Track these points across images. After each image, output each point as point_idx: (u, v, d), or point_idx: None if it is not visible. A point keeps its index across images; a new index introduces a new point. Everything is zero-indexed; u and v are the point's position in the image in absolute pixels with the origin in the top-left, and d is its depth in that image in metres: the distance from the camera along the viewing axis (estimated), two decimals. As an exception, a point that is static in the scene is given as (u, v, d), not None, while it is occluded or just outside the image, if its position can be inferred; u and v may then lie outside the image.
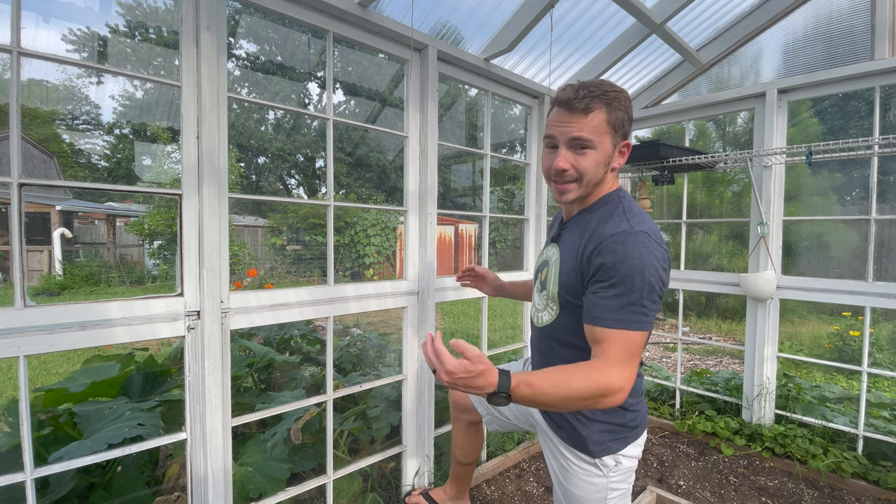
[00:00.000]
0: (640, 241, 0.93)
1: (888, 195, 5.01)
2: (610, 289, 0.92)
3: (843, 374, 4.03)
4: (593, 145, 0.99)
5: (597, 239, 0.97)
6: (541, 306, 1.16)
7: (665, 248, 0.97)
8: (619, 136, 1.01)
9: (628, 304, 0.90)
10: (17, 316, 1.04)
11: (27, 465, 1.07)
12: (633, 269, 0.90)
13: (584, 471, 1.08)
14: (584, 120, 0.98)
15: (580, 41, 2.42)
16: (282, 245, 11.88)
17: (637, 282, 0.90)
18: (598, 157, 1.00)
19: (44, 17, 14.21)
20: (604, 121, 0.98)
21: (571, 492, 1.10)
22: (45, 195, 11.75)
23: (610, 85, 1.00)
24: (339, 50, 13.03)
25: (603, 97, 0.98)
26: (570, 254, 1.04)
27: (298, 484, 1.61)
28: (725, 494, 2.03)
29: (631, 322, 0.90)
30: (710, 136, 6.67)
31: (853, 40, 2.27)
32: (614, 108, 0.99)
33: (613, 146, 1.01)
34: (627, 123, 1.02)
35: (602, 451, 1.05)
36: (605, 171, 1.03)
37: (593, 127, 0.98)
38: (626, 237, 0.93)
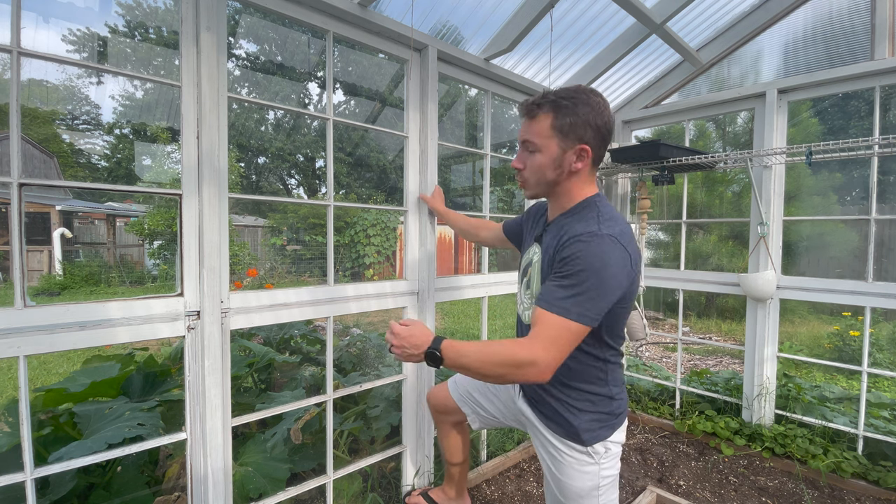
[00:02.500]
0: (604, 242, 0.96)
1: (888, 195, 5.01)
2: (564, 279, 0.97)
3: (843, 374, 4.03)
4: (538, 148, 1.08)
5: (565, 239, 1.03)
6: (527, 304, 1.22)
7: (632, 253, 1.00)
8: (572, 139, 1.05)
9: (576, 295, 0.94)
10: (17, 316, 1.04)
11: (27, 465, 1.07)
12: (591, 267, 0.94)
13: (577, 460, 1.13)
14: (531, 124, 1.08)
15: (580, 41, 2.42)
16: (282, 245, 11.89)
17: (592, 280, 0.94)
18: (542, 160, 1.08)
19: (44, 17, 14.22)
20: (549, 125, 1.05)
21: (566, 483, 1.14)
22: (45, 195, 11.75)
23: (571, 92, 1.05)
24: (339, 50, 13.04)
25: (551, 103, 1.05)
26: (547, 256, 1.11)
27: (298, 484, 1.61)
28: (725, 494, 2.03)
29: (571, 312, 0.94)
30: (710, 136, 6.67)
31: (853, 40, 2.27)
32: (563, 113, 1.04)
33: (562, 150, 1.06)
34: (583, 128, 1.04)
35: (593, 438, 1.11)
36: (556, 174, 1.09)
37: (537, 131, 1.07)
38: (592, 237, 0.98)
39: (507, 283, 2.27)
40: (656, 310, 6.73)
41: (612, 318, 1.04)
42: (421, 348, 1.00)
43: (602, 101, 1.06)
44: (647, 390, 3.03)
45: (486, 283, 2.16)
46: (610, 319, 1.04)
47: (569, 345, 0.96)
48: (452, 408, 1.54)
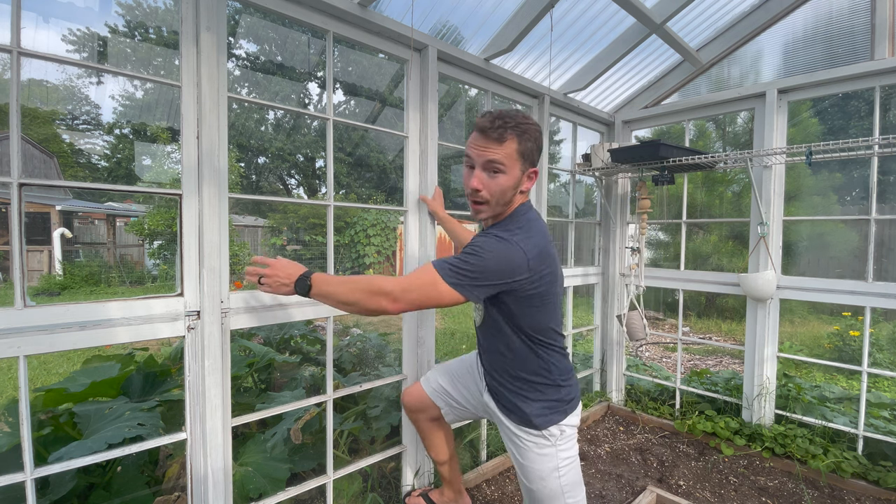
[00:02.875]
0: (502, 240, 1.09)
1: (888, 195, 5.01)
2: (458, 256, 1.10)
3: (843, 374, 4.03)
4: (504, 169, 1.14)
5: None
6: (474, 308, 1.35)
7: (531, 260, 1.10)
8: (528, 163, 1.17)
9: (459, 266, 1.07)
10: (17, 316, 1.04)
11: (27, 465, 1.07)
12: (482, 251, 1.07)
13: (535, 444, 1.24)
14: (499, 147, 1.13)
15: (580, 41, 2.42)
16: (282, 245, 11.89)
17: (476, 262, 1.06)
18: (507, 181, 1.15)
19: (44, 17, 14.20)
20: (515, 150, 1.13)
21: (528, 466, 1.25)
22: (45, 195, 11.75)
23: (523, 117, 1.15)
24: (339, 50, 13.03)
25: (515, 128, 1.12)
26: None
27: (298, 484, 1.61)
28: (725, 494, 2.03)
29: (447, 275, 1.06)
30: (710, 136, 6.66)
31: (853, 40, 2.27)
32: (525, 138, 1.14)
33: (522, 172, 1.17)
34: (536, 153, 1.18)
35: (546, 423, 1.22)
36: (513, 194, 1.19)
37: (505, 154, 1.13)
38: (492, 236, 1.11)
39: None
40: (656, 310, 6.73)
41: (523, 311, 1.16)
42: (292, 277, 1.11)
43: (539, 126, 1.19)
44: (647, 390, 3.03)
45: (486, 283, 2.15)
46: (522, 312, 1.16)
47: (428, 298, 1.07)
48: (427, 403, 1.59)
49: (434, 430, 1.64)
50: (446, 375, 1.58)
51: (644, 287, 2.76)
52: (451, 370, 1.59)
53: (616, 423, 2.77)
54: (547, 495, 1.23)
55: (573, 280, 2.79)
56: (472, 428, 2.24)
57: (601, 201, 3.01)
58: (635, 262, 2.75)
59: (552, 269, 1.16)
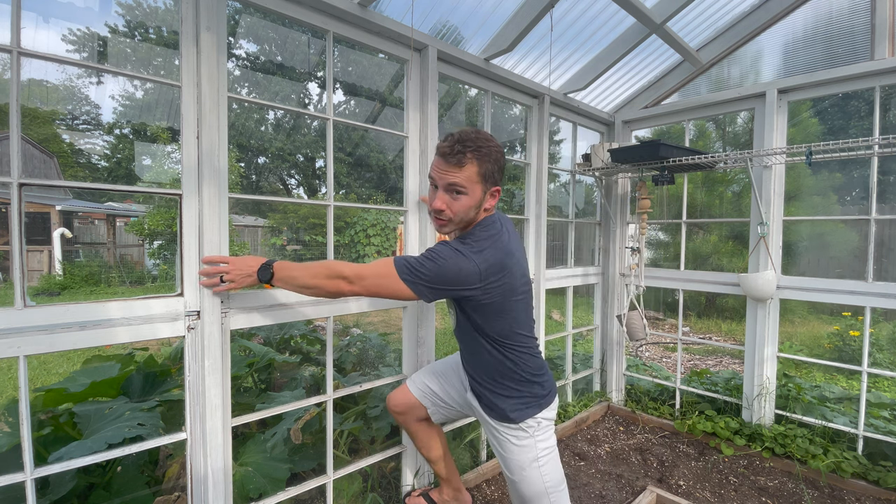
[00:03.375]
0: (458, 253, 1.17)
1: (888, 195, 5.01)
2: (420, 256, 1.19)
3: (843, 374, 4.03)
4: (465, 192, 1.21)
5: None
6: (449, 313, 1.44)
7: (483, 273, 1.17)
8: (489, 183, 1.24)
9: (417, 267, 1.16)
10: (17, 316, 1.04)
11: (27, 465, 1.07)
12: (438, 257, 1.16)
13: (514, 436, 1.32)
14: (459, 171, 1.19)
15: (580, 41, 2.42)
16: (282, 245, 11.89)
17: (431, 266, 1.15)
18: (469, 202, 1.22)
19: (44, 17, 14.21)
20: (475, 172, 1.20)
21: (509, 458, 1.33)
22: (45, 195, 11.75)
23: (485, 140, 1.20)
24: (339, 50, 13.03)
25: (476, 151, 1.18)
26: None
27: (298, 484, 1.61)
28: (725, 494, 2.03)
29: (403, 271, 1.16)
30: (710, 136, 6.66)
31: (853, 40, 2.27)
32: (485, 161, 1.20)
33: (483, 192, 1.24)
34: (498, 173, 1.25)
35: (521, 416, 1.30)
36: (476, 212, 1.26)
37: (465, 177, 1.19)
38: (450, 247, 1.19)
39: (507, 283, 2.27)
40: (656, 310, 6.73)
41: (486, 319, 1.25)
42: (254, 268, 1.22)
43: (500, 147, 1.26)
44: (647, 390, 3.03)
45: (486, 283, 2.15)
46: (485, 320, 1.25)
47: (382, 288, 1.18)
48: (413, 404, 1.61)
49: (423, 429, 1.65)
50: (432, 376, 1.62)
51: (644, 287, 2.76)
52: (437, 370, 1.63)
53: (616, 423, 2.77)
54: (529, 488, 1.30)
55: (573, 280, 2.79)
56: (472, 428, 2.24)
57: (601, 201, 3.01)
58: (635, 262, 2.75)
59: (508, 281, 1.23)
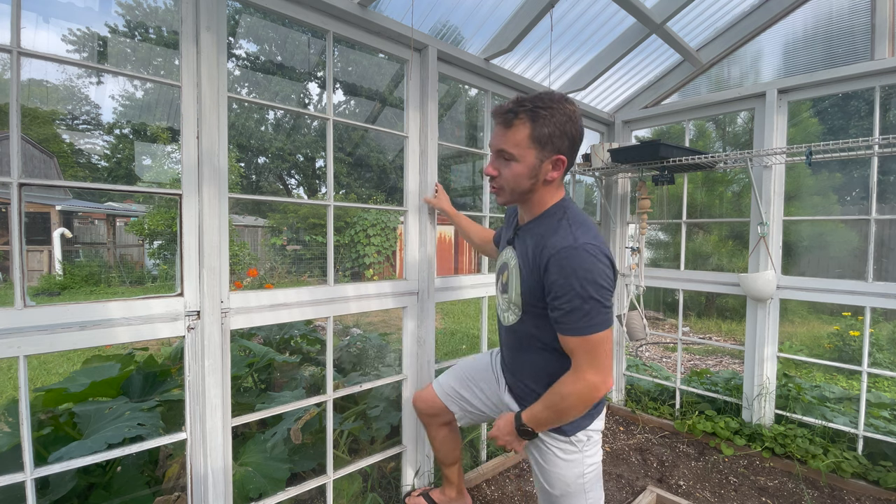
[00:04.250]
0: (585, 252, 1.01)
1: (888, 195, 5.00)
2: (569, 302, 1.01)
3: (843, 374, 4.03)
4: (515, 158, 1.07)
5: (547, 254, 1.05)
6: (504, 307, 1.26)
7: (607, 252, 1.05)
8: (549, 150, 1.06)
9: (589, 311, 1.00)
10: (17, 316, 1.04)
11: (27, 465, 1.07)
12: (584, 281, 0.99)
13: (561, 450, 1.18)
14: (507, 133, 1.06)
15: (580, 41, 2.42)
16: (282, 245, 11.88)
17: (591, 290, 1.00)
18: (520, 170, 1.07)
19: (44, 17, 14.19)
20: (527, 136, 1.04)
21: (552, 471, 1.19)
22: (45, 195, 11.74)
23: (547, 100, 1.04)
24: (339, 50, 13.03)
25: (529, 112, 1.03)
26: (527, 264, 1.12)
27: (298, 484, 1.61)
28: (725, 494, 2.03)
29: (595, 325, 1.01)
30: (710, 136, 6.66)
31: (853, 40, 2.27)
32: (540, 123, 1.03)
33: (539, 160, 1.07)
34: (560, 139, 1.05)
35: (574, 428, 1.17)
36: (531, 183, 1.10)
37: (515, 141, 1.06)
38: (571, 252, 1.01)
39: (507, 283, 2.27)
40: (656, 310, 6.73)
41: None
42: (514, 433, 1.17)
43: (575, 110, 1.06)
44: (647, 390, 3.03)
45: (486, 283, 2.16)
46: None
47: (607, 353, 1.04)
48: (440, 408, 1.54)
49: (445, 435, 1.62)
50: (460, 378, 1.52)
51: (644, 287, 2.76)
52: (466, 372, 1.53)
53: (616, 423, 2.77)
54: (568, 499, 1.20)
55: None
56: (472, 428, 2.24)
57: (601, 201, 3.01)
58: (635, 262, 2.75)
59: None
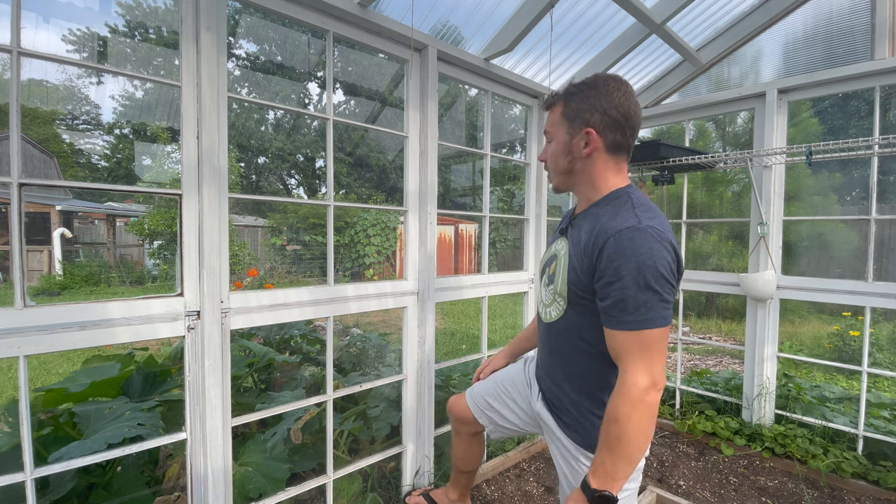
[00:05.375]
0: (648, 236, 0.90)
1: (888, 195, 5.01)
2: (619, 290, 0.90)
3: (843, 374, 4.03)
4: (551, 137, 1.12)
5: (605, 235, 0.95)
6: (548, 301, 1.14)
7: (674, 242, 0.95)
8: (577, 124, 1.04)
9: (645, 302, 0.89)
10: (17, 316, 1.04)
11: (27, 465, 1.07)
12: (643, 266, 0.89)
13: None
14: (548, 115, 1.13)
15: (580, 41, 2.42)
16: (282, 245, 11.88)
17: (651, 278, 0.89)
18: (555, 148, 1.11)
19: (44, 18, 14.20)
20: (560, 113, 1.08)
21: None
22: (45, 195, 11.75)
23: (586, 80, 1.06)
24: (339, 50, 13.04)
25: (564, 92, 1.08)
26: (578, 249, 1.03)
27: (298, 484, 1.61)
28: (725, 494, 2.03)
29: (651, 320, 0.89)
30: (710, 136, 6.67)
31: (853, 40, 2.27)
32: (571, 99, 1.06)
33: (570, 136, 1.06)
34: (589, 112, 1.02)
35: None
36: (567, 161, 1.08)
37: (552, 121, 1.11)
38: (635, 232, 0.91)
39: (507, 283, 2.27)
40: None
41: None
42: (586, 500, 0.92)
43: (615, 85, 1.02)
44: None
45: (486, 283, 2.16)
46: None
47: (659, 351, 0.91)
48: (470, 419, 1.50)
49: (472, 444, 1.60)
50: (493, 390, 1.45)
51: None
52: (499, 383, 1.44)
53: (616, 423, 2.77)
54: None
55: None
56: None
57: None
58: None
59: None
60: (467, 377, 2.59)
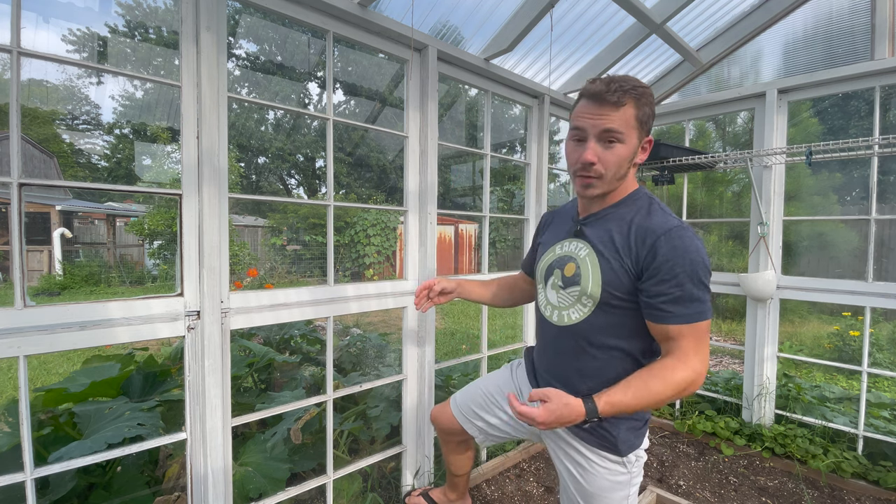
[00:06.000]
0: (693, 235, 0.98)
1: (888, 195, 5.00)
2: (680, 286, 0.95)
3: (843, 374, 4.03)
4: (622, 139, 1.00)
5: (652, 234, 0.98)
6: (565, 304, 1.10)
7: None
8: (644, 131, 1.03)
9: (699, 297, 0.95)
10: (17, 316, 1.04)
11: (27, 465, 1.07)
12: (697, 263, 0.95)
13: (608, 470, 1.08)
14: (616, 113, 0.99)
15: (580, 41, 2.42)
16: (282, 245, 11.89)
17: (702, 273, 0.95)
18: (624, 152, 1.01)
19: (44, 18, 14.20)
20: (633, 115, 1.00)
21: (596, 494, 1.09)
22: (45, 195, 11.75)
23: (638, 81, 1.02)
24: (339, 50, 13.04)
25: (633, 91, 0.99)
26: (612, 249, 1.03)
27: (298, 484, 1.61)
28: (725, 494, 2.03)
29: (703, 312, 0.96)
30: (710, 136, 6.67)
31: (853, 40, 2.27)
32: (642, 103, 1.00)
33: (639, 141, 1.03)
34: (651, 120, 1.04)
35: (629, 449, 1.07)
36: (629, 167, 1.04)
37: (623, 120, 0.99)
38: (682, 231, 0.97)
39: (507, 283, 2.27)
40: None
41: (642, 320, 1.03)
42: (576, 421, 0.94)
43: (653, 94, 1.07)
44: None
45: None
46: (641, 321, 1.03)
47: (707, 340, 0.98)
48: (458, 429, 1.46)
49: (460, 451, 1.57)
50: (478, 398, 1.41)
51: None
52: (485, 391, 1.41)
53: (616, 423, 2.77)
54: None
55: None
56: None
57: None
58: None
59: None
60: (467, 377, 2.59)
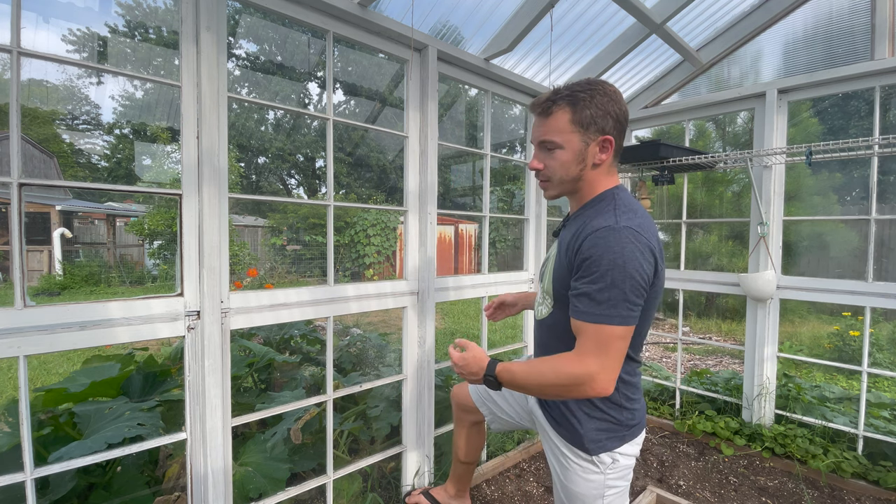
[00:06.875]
0: (622, 237, 0.93)
1: (888, 195, 5.01)
2: (591, 284, 0.94)
3: (843, 374, 4.03)
4: (560, 144, 1.03)
5: (584, 234, 0.99)
6: (540, 299, 1.20)
7: (653, 243, 0.97)
8: (593, 132, 1.02)
9: (608, 299, 0.92)
10: (17, 316, 1.04)
11: (27, 465, 1.07)
12: (614, 265, 0.91)
13: (581, 468, 1.09)
14: (547, 122, 1.04)
15: (580, 41, 2.42)
16: (282, 245, 11.89)
17: (618, 277, 0.91)
18: (565, 156, 1.04)
19: (44, 18, 14.20)
20: (568, 120, 1.02)
21: (571, 489, 1.12)
22: (45, 195, 11.75)
23: (584, 84, 1.02)
24: (339, 50, 13.04)
25: (567, 98, 1.01)
26: (562, 248, 1.08)
27: (298, 484, 1.61)
28: (725, 494, 2.03)
29: (611, 316, 0.91)
30: (710, 136, 6.67)
31: (853, 40, 2.27)
32: (581, 106, 1.01)
33: (585, 144, 1.03)
34: (603, 118, 1.01)
35: (598, 448, 1.06)
36: (580, 169, 1.05)
37: (556, 128, 1.03)
38: (609, 232, 0.94)
39: (507, 284, 2.27)
40: (656, 309, 6.72)
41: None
42: (478, 374, 1.08)
43: (616, 90, 1.04)
44: (647, 390, 3.03)
45: (486, 283, 2.16)
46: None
47: (619, 352, 0.93)
48: (472, 407, 1.54)
49: (472, 434, 1.63)
50: None
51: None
52: None
53: (616, 423, 2.77)
54: None
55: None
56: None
57: (601, 201, 3.01)
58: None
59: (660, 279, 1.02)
60: (467, 377, 2.59)
